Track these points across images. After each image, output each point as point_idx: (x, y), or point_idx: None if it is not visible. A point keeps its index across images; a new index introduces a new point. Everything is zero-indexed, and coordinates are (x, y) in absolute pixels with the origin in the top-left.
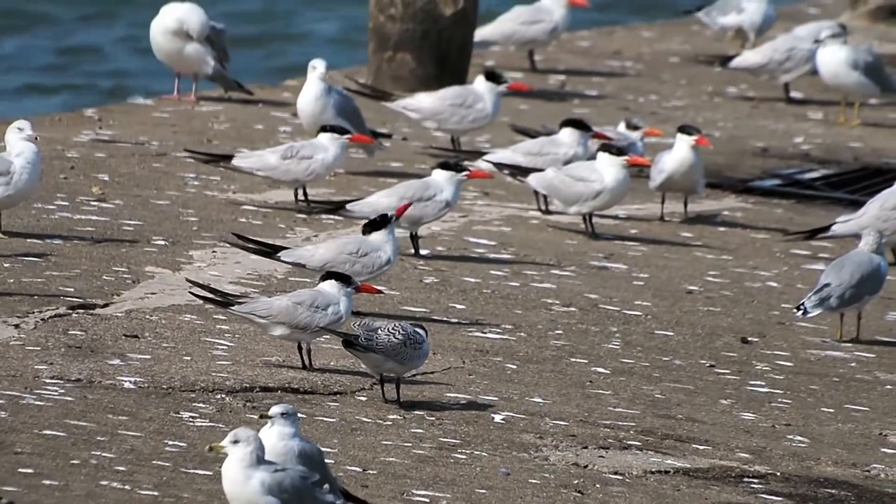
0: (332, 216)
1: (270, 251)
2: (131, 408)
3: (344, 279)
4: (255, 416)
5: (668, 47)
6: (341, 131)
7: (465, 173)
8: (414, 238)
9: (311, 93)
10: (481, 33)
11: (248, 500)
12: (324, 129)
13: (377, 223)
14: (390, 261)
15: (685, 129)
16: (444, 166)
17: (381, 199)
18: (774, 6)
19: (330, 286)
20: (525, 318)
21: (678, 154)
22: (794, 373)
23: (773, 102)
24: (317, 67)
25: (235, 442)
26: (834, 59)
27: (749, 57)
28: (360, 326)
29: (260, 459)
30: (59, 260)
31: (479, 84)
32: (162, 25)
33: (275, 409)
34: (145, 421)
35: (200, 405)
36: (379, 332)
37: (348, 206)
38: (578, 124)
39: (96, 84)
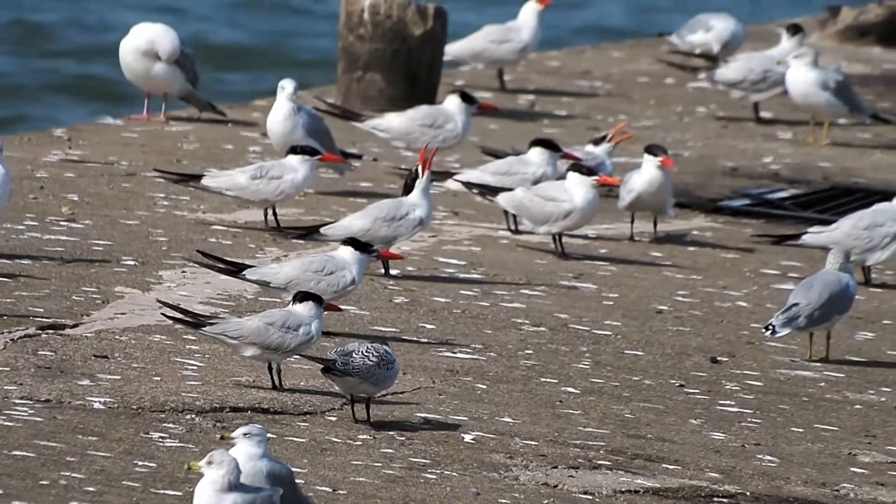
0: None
1: (235, 269)
2: (101, 428)
3: (316, 299)
4: (218, 438)
5: (638, 67)
6: (311, 152)
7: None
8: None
9: (280, 113)
10: (451, 50)
11: None
12: (293, 149)
13: (358, 245)
14: (355, 281)
15: (652, 150)
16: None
17: (355, 222)
18: (743, 25)
19: (302, 307)
20: (495, 337)
21: (647, 174)
22: (763, 392)
23: (743, 122)
24: (286, 87)
25: (210, 463)
26: (803, 80)
27: (723, 73)
28: (336, 352)
29: (232, 484)
30: (28, 280)
31: (449, 104)
32: (132, 45)
33: (238, 431)
34: (115, 441)
35: (170, 425)
36: (353, 355)
37: (322, 230)
38: (547, 144)
39: None
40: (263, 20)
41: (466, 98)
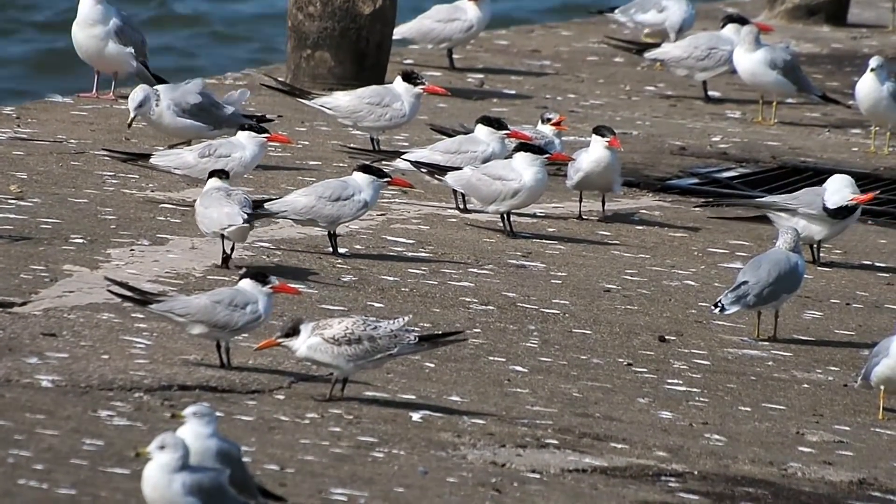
0: None
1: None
2: (49, 406)
3: (260, 278)
4: (168, 417)
5: (586, 46)
6: (259, 130)
7: (385, 180)
8: (332, 236)
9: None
10: (400, 31)
11: (169, 503)
12: (242, 127)
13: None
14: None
15: (599, 131)
16: (366, 170)
17: (300, 199)
18: (694, 5)
19: (249, 285)
20: (443, 316)
21: (595, 153)
22: (711, 371)
23: (691, 101)
24: None
25: (162, 447)
26: (751, 59)
27: (669, 49)
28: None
29: (184, 465)
30: None
31: (398, 84)
32: (79, 23)
33: (188, 410)
34: (63, 419)
35: (118, 404)
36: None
37: (266, 205)
38: (493, 122)
39: None
40: None
41: (412, 79)
